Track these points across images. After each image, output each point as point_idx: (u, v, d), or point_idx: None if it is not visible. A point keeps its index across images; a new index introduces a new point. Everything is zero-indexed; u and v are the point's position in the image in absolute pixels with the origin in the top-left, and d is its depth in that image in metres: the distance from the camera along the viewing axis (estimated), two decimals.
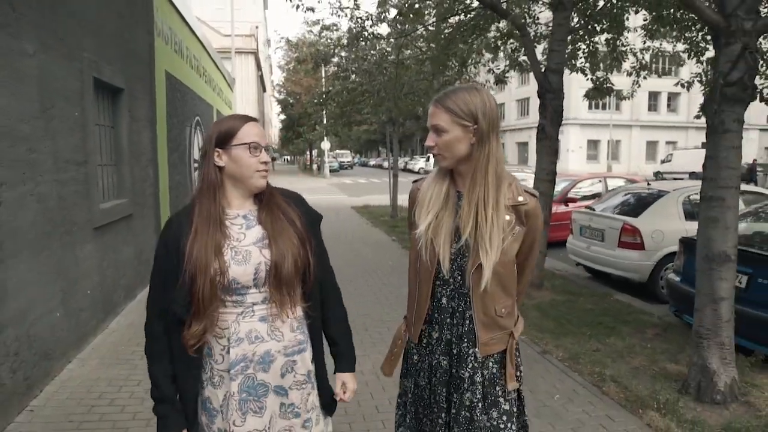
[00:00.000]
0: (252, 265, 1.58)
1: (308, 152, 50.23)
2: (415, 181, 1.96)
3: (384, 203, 16.41)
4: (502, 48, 8.41)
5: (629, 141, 42.66)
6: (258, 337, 1.60)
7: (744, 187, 7.90)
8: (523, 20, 6.92)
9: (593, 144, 42.52)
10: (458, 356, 1.78)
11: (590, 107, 41.77)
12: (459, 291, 1.78)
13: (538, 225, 1.81)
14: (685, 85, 8.46)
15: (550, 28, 6.99)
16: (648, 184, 7.95)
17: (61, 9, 4.22)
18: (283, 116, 44.01)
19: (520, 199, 1.75)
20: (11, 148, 3.38)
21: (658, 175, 34.06)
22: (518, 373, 1.86)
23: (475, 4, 7.12)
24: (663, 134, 43.19)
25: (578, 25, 7.56)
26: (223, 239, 1.58)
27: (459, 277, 1.77)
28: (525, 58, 8.37)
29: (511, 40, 8.27)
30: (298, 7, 7.63)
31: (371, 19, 8.31)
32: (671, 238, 6.40)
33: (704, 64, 8.14)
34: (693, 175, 32.94)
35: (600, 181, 11.24)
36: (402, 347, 1.96)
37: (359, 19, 8.30)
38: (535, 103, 43.85)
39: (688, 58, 8.26)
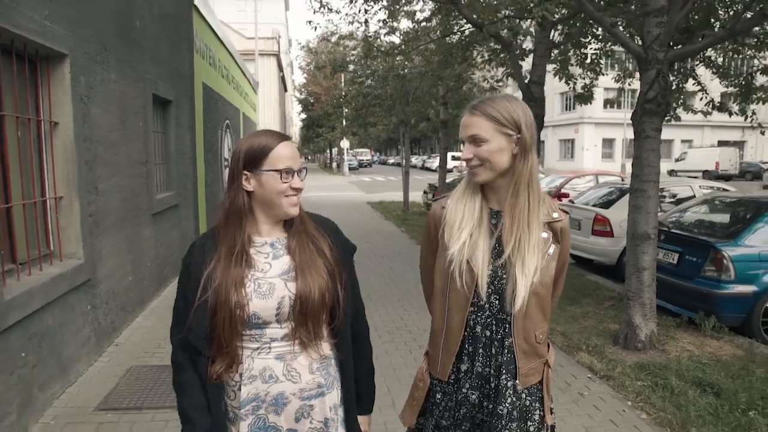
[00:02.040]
0: (275, 299, 1.48)
1: (328, 151, 51.55)
2: (435, 200, 1.81)
3: (398, 199, 17.49)
4: (495, 60, 9.47)
5: None
6: (272, 377, 1.49)
7: (707, 182, 8.88)
8: (509, 39, 7.96)
9: (608, 142, 43.01)
10: (495, 389, 1.62)
11: (605, 106, 42.38)
12: (496, 317, 1.63)
13: (568, 243, 1.73)
14: None
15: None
16: (622, 180, 8.96)
17: (133, 43, 5.43)
18: (303, 115, 45.44)
19: (555, 215, 1.65)
20: (104, 152, 4.59)
21: (673, 174, 34.55)
22: (551, 405, 1.73)
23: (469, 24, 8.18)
24: (678, 132, 43.43)
25: (561, 39, 8.57)
26: (247, 270, 1.49)
27: (496, 302, 1.62)
28: None
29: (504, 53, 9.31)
30: (316, 28, 8.78)
31: (379, 38, 9.46)
32: None
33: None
34: (706, 174, 33.48)
35: (593, 178, 12.26)
36: (425, 389, 1.76)
37: (369, 37, 9.45)
38: (549, 102, 44.32)
39: None
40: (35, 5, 3.44)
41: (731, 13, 5.74)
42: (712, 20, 5.71)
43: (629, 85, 10.65)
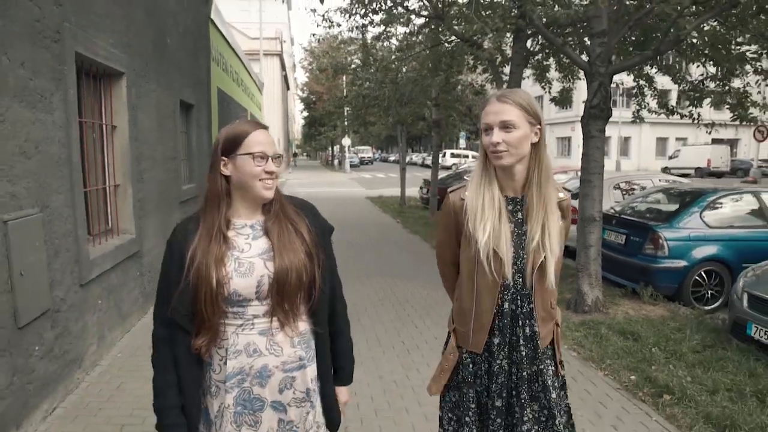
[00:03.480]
0: (255, 277, 1.57)
1: (330, 148, 52.54)
2: (452, 191, 1.91)
3: (397, 194, 18.48)
4: (482, 66, 10.48)
5: (639, 137, 43.98)
6: (256, 351, 1.59)
7: (667, 176, 9.88)
8: (493, 48, 8.96)
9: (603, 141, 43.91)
10: (529, 357, 1.81)
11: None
12: (520, 293, 1.79)
13: (570, 219, 1.91)
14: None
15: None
16: (577, 173, 9.97)
17: (165, 57, 6.46)
18: (306, 113, 46.51)
19: (561, 195, 1.82)
20: (147, 149, 5.63)
21: (666, 171, 35.43)
22: (561, 361, 1.91)
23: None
24: (673, 131, 44.37)
25: (538, 49, 9.57)
26: (227, 250, 1.57)
27: (520, 280, 1.78)
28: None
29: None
30: (319, 40, 9.77)
31: (375, 46, 10.47)
32: None
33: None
34: (698, 171, 34.39)
35: (576, 174, 13.27)
36: (454, 361, 1.90)
37: (367, 46, 10.47)
38: (546, 101, 44.98)
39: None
40: (104, 36, 4.47)
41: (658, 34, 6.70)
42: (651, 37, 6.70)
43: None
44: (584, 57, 6.39)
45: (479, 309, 1.81)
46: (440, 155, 45.21)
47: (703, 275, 6.22)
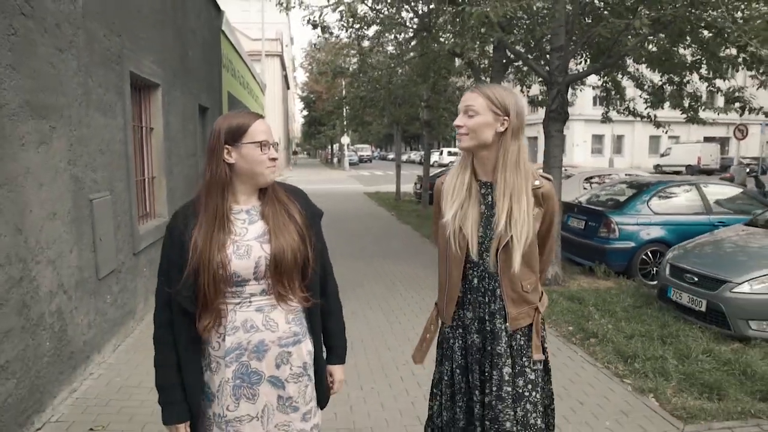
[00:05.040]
0: (252, 259, 1.65)
1: (329, 147, 53.53)
2: (438, 176, 2.34)
3: (393, 190, 19.51)
4: (465, 73, 11.52)
5: (632, 135, 45.00)
6: (253, 327, 1.67)
7: (634, 171, 10.90)
8: (472, 58, 9.99)
9: (597, 138, 44.93)
10: (492, 333, 1.91)
11: (594, 104, 44.40)
12: (488, 271, 1.91)
13: (553, 205, 1.97)
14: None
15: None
16: (565, 170, 11.03)
17: (188, 68, 7.51)
18: (305, 112, 47.52)
19: (536, 183, 1.91)
20: (175, 147, 6.68)
21: (658, 168, 36.26)
22: (544, 345, 1.98)
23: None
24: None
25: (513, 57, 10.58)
26: (228, 235, 1.65)
27: (487, 259, 1.89)
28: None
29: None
30: (319, 49, 10.77)
31: (370, 56, 11.51)
32: None
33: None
34: (689, 168, 35.29)
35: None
36: (435, 333, 2.05)
37: (362, 55, 11.52)
38: None
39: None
40: (147, 55, 5.52)
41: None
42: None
43: (581, 91, 12.66)
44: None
45: (450, 283, 1.96)
46: (438, 154, 45.80)
47: (649, 254, 7.27)
